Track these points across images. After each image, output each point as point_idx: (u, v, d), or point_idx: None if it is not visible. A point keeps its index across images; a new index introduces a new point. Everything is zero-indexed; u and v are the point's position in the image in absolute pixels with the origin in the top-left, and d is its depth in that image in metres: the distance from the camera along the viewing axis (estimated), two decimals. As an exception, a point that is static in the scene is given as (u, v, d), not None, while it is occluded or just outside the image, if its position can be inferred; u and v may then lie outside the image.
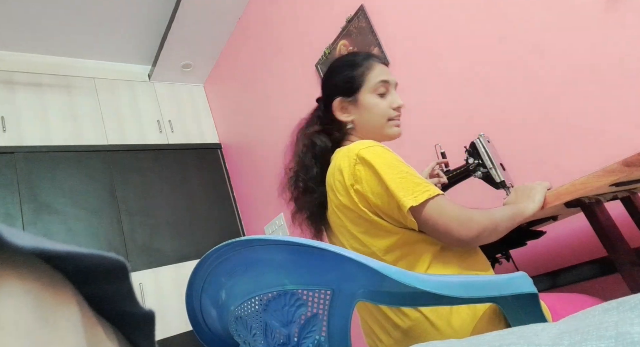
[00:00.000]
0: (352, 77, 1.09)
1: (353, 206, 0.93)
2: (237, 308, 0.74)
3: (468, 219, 0.86)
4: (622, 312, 0.35)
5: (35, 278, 0.23)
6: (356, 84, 1.09)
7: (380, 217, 0.91)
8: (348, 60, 1.13)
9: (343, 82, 1.10)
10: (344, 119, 1.09)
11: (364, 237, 0.94)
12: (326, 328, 0.65)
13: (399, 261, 0.91)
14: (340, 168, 0.96)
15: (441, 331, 0.85)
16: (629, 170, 0.89)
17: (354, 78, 1.09)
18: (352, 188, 0.93)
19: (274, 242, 0.66)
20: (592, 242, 1.42)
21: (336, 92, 1.10)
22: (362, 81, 1.09)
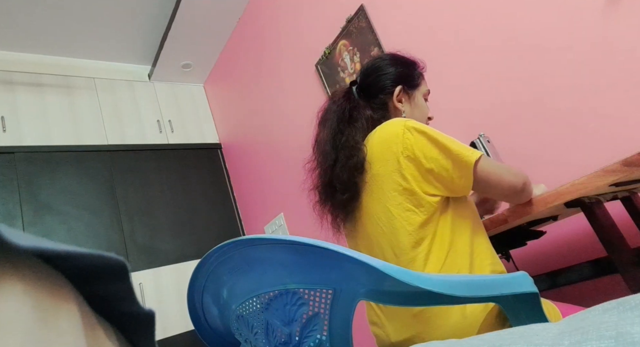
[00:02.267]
0: (415, 75, 1.19)
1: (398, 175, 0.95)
2: (239, 307, 0.74)
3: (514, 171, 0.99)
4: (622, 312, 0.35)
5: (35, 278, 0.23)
6: (417, 81, 1.19)
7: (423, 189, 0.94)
8: (409, 59, 1.21)
9: (407, 74, 1.17)
10: (400, 107, 1.14)
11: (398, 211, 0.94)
12: (327, 327, 0.65)
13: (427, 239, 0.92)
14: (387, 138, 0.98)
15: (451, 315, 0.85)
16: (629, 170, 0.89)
17: (417, 76, 1.19)
18: (403, 155, 0.95)
19: (276, 241, 0.66)
20: (592, 242, 1.42)
21: (399, 81, 1.15)
22: (420, 82, 1.20)
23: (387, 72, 1.16)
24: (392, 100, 1.14)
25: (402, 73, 1.16)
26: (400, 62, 1.19)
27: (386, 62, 1.18)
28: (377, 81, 1.16)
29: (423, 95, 1.20)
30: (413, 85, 1.18)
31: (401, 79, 1.16)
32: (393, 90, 1.14)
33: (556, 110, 1.60)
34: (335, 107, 1.13)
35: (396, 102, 1.14)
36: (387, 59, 1.20)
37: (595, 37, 1.49)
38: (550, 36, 1.61)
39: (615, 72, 1.45)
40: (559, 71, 1.59)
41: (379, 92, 1.15)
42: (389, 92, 1.14)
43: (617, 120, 1.44)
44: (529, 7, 1.66)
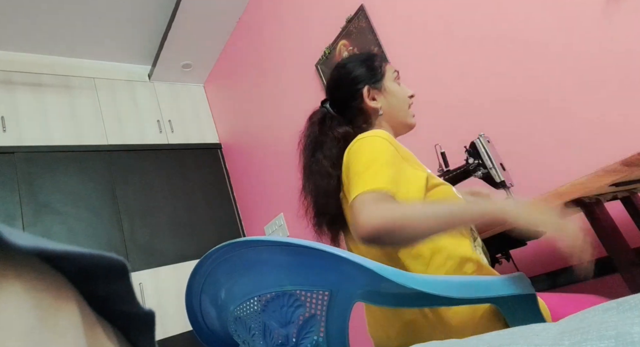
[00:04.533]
0: (374, 67, 1.15)
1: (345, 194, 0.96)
2: (236, 308, 0.74)
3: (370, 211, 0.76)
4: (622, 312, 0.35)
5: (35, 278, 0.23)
6: (380, 72, 1.15)
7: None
8: (362, 55, 1.19)
9: (367, 71, 1.14)
10: (374, 105, 1.12)
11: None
12: (324, 329, 0.65)
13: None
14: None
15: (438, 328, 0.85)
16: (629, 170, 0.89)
17: (377, 67, 1.16)
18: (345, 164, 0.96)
19: (273, 243, 0.66)
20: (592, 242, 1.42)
21: (361, 82, 1.13)
22: (384, 70, 1.16)
23: (349, 79, 1.15)
24: (365, 103, 1.12)
25: (361, 73, 1.14)
26: (355, 63, 1.17)
27: (343, 69, 1.17)
28: (343, 92, 1.15)
29: (394, 79, 1.17)
30: (377, 78, 1.15)
31: (364, 79, 1.14)
32: (362, 94, 1.12)
33: (556, 110, 1.60)
34: (309, 132, 1.14)
35: (370, 103, 1.12)
36: (342, 66, 1.18)
37: (595, 36, 1.49)
38: (550, 36, 1.61)
39: (616, 72, 1.45)
40: (559, 71, 1.59)
41: (350, 102, 1.13)
42: (358, 97, 1.12)
43: (618, 120, 1.44)
44: (529, 8, 1.66)
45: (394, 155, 0.91)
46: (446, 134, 1.93)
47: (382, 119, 1.13)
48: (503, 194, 1.44)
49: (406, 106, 1.16)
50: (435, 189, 0.96)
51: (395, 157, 0.91)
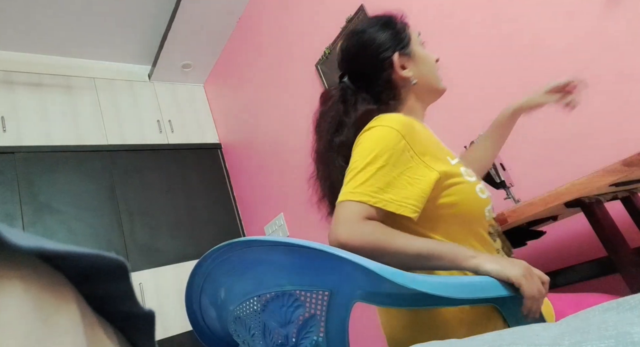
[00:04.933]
0: (399, 30, 1.01)
1: None
2: (236, 308, 0.74)
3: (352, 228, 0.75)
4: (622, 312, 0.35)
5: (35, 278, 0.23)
6: (407, 36, 1.01)
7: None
8: (381, 18, 1.03)
9: (392, 36, 0.99)
10: (406, 74, 0.98)
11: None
12: (324, 329, 0.65)
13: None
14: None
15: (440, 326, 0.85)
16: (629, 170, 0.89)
17: (402, 31, 1.01)
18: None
19: (272, 243, 0.66)
20: (592, 242, 1.42)
21: (389, 48, 0.98)
22: (409, 34, 1.02)
23: (373, 47, 0.99)
24: (396, 72, 0.98)
25: (387, 39, 0.99)
26: (377, 27, 1.01)
27: (365, 35, 1.01)
28: (368, 63, 0.99)
29: (419, 43, 1.04)
30: (405, 42, 1.00)
31: (391, 45, 0.99)
32: (392, 62, 0.97)
33: (556, 110, 1.60)
34: (326, 109, 1.00)
35: (401, 72, 0.98)
36: (361, 31, 1.01)
37: (595, 36, 1.49)
38: (550, 36, 1.61)
39: (616, 72, 1.45)
40: (558, 71, 1.59)
41: (376, 73, 0.98)
42: (387, 66, 0.98)
43: (617, 121, 1.44)
44: (529, 8, 1.66)
45: (400, 154, 0.83)
46: (446, 133, 1.93)
47: (412, 91, 1.00)
48: (503, 194, 1.44)
49: (436, 72, 1.04)
50: (453, 188, 0.87)
51: (401, 156, 0.83)
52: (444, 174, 0.85)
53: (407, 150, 0.84)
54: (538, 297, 0.73)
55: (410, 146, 0.84)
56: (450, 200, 0.86)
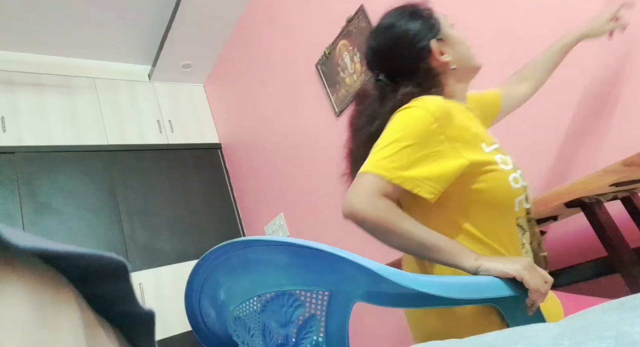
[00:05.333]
0: (428, 17, 1.00)
1: None
2: (236, 308, 0.74)
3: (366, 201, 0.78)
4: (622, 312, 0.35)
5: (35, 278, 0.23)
6: (437, 21, 1.01)
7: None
8: (406, 9, 1.02)
9: (424, 24, 0.99)
10: (446, 59, 0.98)
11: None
12: (324, 329, 0.65)
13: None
14: None
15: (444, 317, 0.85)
16: (629, 170, 0.89)
17: (431, 17, 1.01)
18: None
19: (272, 243, 0.66)
20: (592, 242, 1.42)
21: (424, 38, 0.97)
22: (438, 18, 1.02)
23: (408, 39, 0.98)
24: (435, 59, 0.97)
25: (420, 28, 0.98)
26: (405, 19, 1.00)
27: (395, 29, 0.99)
28: (405, 56, 0.98)
29: (450, 26, 1.03)
30: (438, 27, 0.99)
31: (425, 34, 0.98)
32: (430, 50, 0.96)
33: (556, 110, 1.60)
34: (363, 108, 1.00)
35: (440, 58, 0.97)
36: (391, 26, 1.00)
37: (595, 37, 1.49)
38: (550, 36, 1.61)
39: (616, 72, 1.45)
40: (558, 71, 1.59)
41: (415, 65, 0.97)
42: (426, 55, 0.97)
43: (617, 120, 1.44)
44: (528, 8, 1.66)
45: (429, 136, 0.83)
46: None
47: (451, 75, 1.00)
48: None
49: (470, 50, 1.04)
50: (485, 175, 0.86)
51: (430, 138, 0.83)
52: (474, 162, 0.85)
53: (439, 134, 0.84)
54: (542, 291, 0.73)
55: (443, 130, 0.84)
56: (481, 186, 0.86)
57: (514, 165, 0.91)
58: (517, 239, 0.89)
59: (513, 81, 1.35)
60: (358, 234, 2.61)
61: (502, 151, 0.93)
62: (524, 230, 0.91)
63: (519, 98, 1.32)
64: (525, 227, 0.92)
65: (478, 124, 0.98)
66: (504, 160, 0.90)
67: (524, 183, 0.90)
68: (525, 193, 0.91)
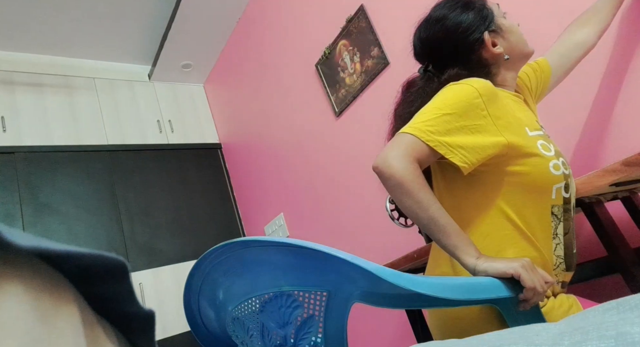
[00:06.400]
0: (481, 8, 1.00)
1: None
2: (235, 309, 0.74)
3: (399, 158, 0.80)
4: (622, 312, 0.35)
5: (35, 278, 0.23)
6: (490, 12, 1.00)
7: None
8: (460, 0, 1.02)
9: (477, 15, 0.99)
10: (499, 50, 0.98)
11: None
12: (322, 330, 0.65)
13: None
14: None
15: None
16: (629, 170, 0.89)
17: (483, 8, 1.01)
18: None
19: (270, 243, 0.66)
20: (592, 242, 1.42)
21: (477, 29, 0.97)
22: (490, 8, 1.01)
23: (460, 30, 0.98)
24: (488, 50, 0.97)
25: (473, 20, 0.98)
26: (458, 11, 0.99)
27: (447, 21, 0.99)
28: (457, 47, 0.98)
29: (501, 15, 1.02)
30: (490, 18, 0.99)
31: (478, 25, 0.98)
32: (483, 41, 0.97)
33: (556, 110, 1.60)
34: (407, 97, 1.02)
35: (493, 50, 0.97)
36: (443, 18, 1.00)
37: (595, 37, 1.49)
38: (550, 36, 1.61)
39: (616, 72, 1.45)
40: (558, 71, 1.59)
41: (468, 54, 0.98)
42: (478, 47, 0.97)
43: (618, 120, 1.44)
44: (527, 8, 1.66)
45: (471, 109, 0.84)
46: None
47: (504, 62, 1.00)
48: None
49: (523, 38, 1.04)
50: (525, 159, 0.86)
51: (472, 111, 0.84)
52: (513, 143, 0.86)
53: (481, 109, 0.86)
54: (539, 290, 0.73)
55: (486, 106, 0.86)
56: (519, 169, 0.87)
57: (557, 153, 0.91)
58: (549, 227, 0.89)
59: (570, 31, 1.29)
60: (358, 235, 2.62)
61: (546, 138, 0.94)
62: (558, 219, 0.90)
63: (581, 45, 1.25)
64: (560, 217, 0.90)
65: (525, 110, 1.00)
66: (546, 147, 0.91)
67: (565, 171, 0.90)
68: (565, 181, 0.90)
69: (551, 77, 1.23)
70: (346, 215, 2.52)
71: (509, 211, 0.87)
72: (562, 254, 0.90)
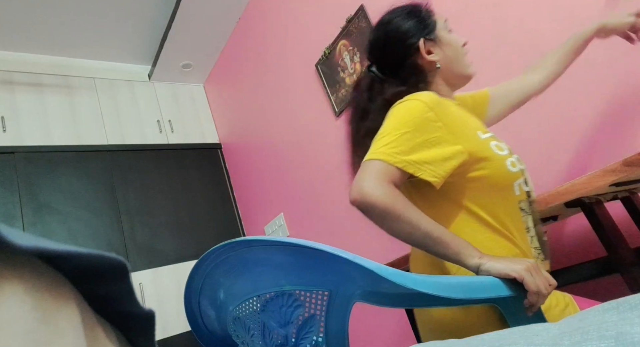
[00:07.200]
0: (424, 17, 1.05)
1: None
2: (235, 309, 0.74)
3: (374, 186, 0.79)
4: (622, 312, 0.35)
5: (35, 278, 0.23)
6: (432, 22, 1.05)
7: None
8: (406, 8, 1.07)
9: (417, 23, 1.04)
10: (432, 58, 1.02)
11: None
12: (324, 329, 0.65)
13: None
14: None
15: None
16: (629, 170, 0.89)
17: (427, 17, 1.06)
18: None
19: (271, 243, 0.66)
20: (592, 242, 1.42)
21: (414, 35, 1.02)
22: (435, 20, 1.06)
23: (399, 34, 1.04)
24: (422, 57, 1.02)
25: (412, 26, 1.03)
26: (402, 17, 1.05)
27: (390, 25, 1.06)
28: (395, 50, 1.04)
29: (446, 28, 1.07)
30: (430, 28, 1.04)
31: (416, 32, 1.03)
32: (417, 48, 1.02)
33: (556, 110, 1.60)
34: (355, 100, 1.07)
35: (427, 57, 1.02)
36: (387, 22, 1.07)
37: (595, 37, 1.49)
38: (550, 36, 1.61)
39: (616, 72, 1.45)
40: (558, 71, 1.59)
41: (403, 59, 1.03)
42: (413, 52, 1.02)
43: (618, 120, 1.44)
44: (528, 8, 1.66)
45: (426, 123, 0.86)
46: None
47: (438, 75, 1.04)
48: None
49: (462, 56, 1.07)
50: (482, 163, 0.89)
51: (427, 125, 0.86)
52: (470, 150, 0.88)
53: (435, 121, 0.87)
54: (543, 293, 0.73)
55: (438, 118, 0.88)
56: (480, 173, 0.89)
57: (510, 151, 0.95)
58: (521, 222, 0.92)
59: (523, 73, 1.35)
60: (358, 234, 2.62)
61: (497, 138, 0.97)
62: (527, 213, 0.94)
63: (527, 89, 1.31)
64: (528, 210, 0.94)
65: (470, 115, 1.03)
66: (499, 147, 0.94)
67: (521, 167, 0.94)
68: (524, 176, 0.94)
69: (489, 107, 1.27)
70: (346, 215, 2.52)
71: (483, 214, 0.89)
72: (538, 245, 0.93)
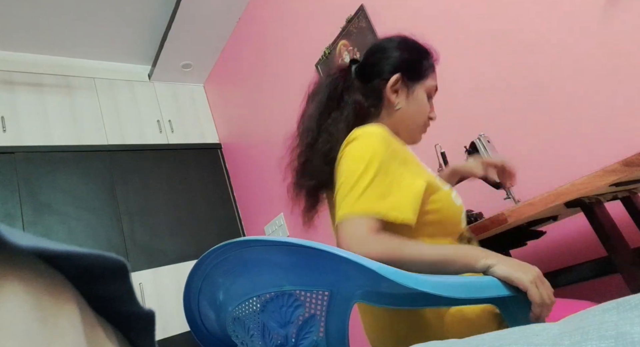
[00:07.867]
0: (423, 65, 1.04)
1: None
2: (235, 309, 0.74)
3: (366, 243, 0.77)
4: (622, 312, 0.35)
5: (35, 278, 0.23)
6: (423, 73, 1.04)
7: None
8: (420, 46, 1.07)
9: (413, 63, 1.03)
10: (394, 99, 1.01)
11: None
12: (324, 329, 0.65)
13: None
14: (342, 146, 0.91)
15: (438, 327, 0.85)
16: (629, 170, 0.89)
17: (425, 67, 1.04)
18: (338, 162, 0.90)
19: (271, 243, 0.66)
20: (592, 242, 1.42)
21: (400, 68, 1.01)
22: (426, 76, 1.04)
23: (390, 56, 1.03)
24: (387, 88, 1.00)
25: (406, 60, 1.02)
26: (408, 47, 1.05)
27: (393, 44, 1.05)
28: (376, 63, 1.03)
29: (427, 91, 1.05)
30: (417, 76, 1.03)
31: (403, 67, 1.01)
32: (389, 77, 1.00)
33: (556, 110, 1.60)
34: (328, 82, 1.04)
35: (390, 93, 1.01)
36: (395, 41, 1.06)
37: (595, 36, 1.49)
38: (550, 36, 1.61)
39: (616, 72, 1.45)
40: (559, 71, 1.59)
41: (375, 76, 1.02)
42: (385, 78, 1.01)
43: (618, 120, 1.44)
44: (529, 6, 1.66)
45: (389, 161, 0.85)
46: (446, 134, 1.93)
47: (391, 115, 1.02)
48: (503, 194, 1.44)
49: (422, 122, 1.06)
50: (434, 195, 0.89)
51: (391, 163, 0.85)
52: (428, 183, 0.88)
53: (394, 158, 0.86)
54: (547, 303, 0.72)
55: (397, 153, 0.87)
56: (433, 207, 0.89)
57: (449, 186, 0.97)
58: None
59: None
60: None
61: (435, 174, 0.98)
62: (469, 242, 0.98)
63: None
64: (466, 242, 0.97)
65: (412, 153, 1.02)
66: (442, 182, 0.95)
67: (461, 201, 0.96)
68: (464, 210, 0.97)
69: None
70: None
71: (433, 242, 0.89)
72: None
